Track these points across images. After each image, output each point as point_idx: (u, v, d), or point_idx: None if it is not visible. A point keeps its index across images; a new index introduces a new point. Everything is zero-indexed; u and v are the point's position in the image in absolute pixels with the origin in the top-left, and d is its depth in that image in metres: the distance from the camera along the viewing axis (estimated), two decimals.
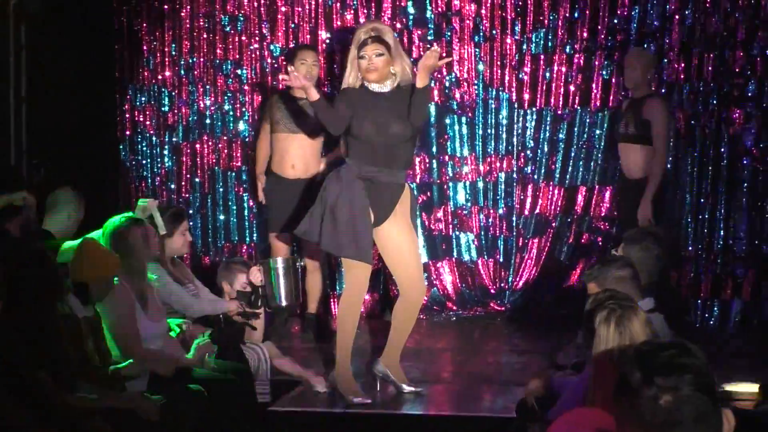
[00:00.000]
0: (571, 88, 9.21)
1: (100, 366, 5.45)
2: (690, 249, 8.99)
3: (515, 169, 9.32)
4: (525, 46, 9.25)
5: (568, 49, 9.18)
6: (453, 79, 9.33)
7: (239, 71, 9.43)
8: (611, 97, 9.12)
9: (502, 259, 9.37)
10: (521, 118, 9.30)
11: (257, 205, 9.06)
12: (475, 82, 9.31)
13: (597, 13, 9.10)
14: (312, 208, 6.71)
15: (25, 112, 9.03)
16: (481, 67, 9.30)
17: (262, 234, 9.21)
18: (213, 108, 9.46)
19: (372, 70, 6.58)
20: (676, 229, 8.89)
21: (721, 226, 8.99)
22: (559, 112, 9.24)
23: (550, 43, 9.21)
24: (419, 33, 9.32)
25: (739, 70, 8.91)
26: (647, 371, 2.37)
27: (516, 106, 9.29)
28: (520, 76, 9.27)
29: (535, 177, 9.31)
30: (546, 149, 9.27)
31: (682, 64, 8.98)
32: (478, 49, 9.29)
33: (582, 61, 9.18)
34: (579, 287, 8.26)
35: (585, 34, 9.14)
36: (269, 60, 9.40)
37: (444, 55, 9.10)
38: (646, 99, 8.03)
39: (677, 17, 8.98)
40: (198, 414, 5.67)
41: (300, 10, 9.35)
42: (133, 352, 5.71)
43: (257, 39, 9.40)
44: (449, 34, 9.30)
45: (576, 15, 9.15)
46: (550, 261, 9.31)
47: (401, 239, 6.72)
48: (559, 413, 3.96)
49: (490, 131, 9.33)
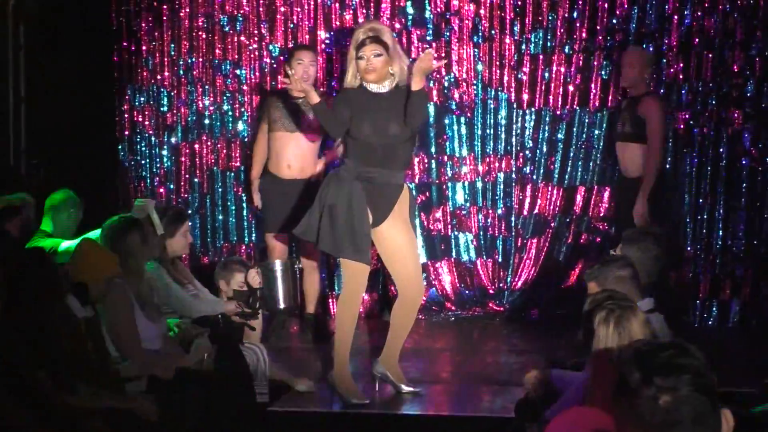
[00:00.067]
0: (570, 88, 9.20)
1: (99, 366, 5.45)
2: (689, 249, 8.99)
3: (514, 169, 9.31)
4: (524, 47, 9.24)
5: (566, 50, 9.18)
6: (452, 80, 9.32)
7: (238, 71, 9.42)
8: (610, 98, 9.11)
9: (500, 260, 9.36)
10: (520, 119, 9.29)
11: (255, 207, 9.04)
12: (474, 82, 9.31)
13: (596, 13, 9.10)
14: (310, 208, 6.71)
15: (24, 112, 9.04)
16: (480, 67, 9.29)
17: (260, 234, 9.21)
18: (212, 108, 9.46)
19: (370, 70, 6.58)
20: (676, 229, 8.89)
21: (720, 226, 8.99)
22: (558, 113, 9.23)
23: (549, 44, 9.20)
24: (418, 33, 9.31)
25: (738, 70, 8.91)
26: (646, 371, 2.37)
27: (515, 106, 9.28)
28: (519, 76, 9.26)
29: (534, 177, 9.30)
30: (545, 149, 9.27)
31: (681, 65, 8.98)
32: (476, 50, 9.28)
33: (581, 62, 9.17)
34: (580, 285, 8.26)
35: (584, 35, 9.14)
36: (268, 60, 9.39)
37: (441, 56, 9.17)
38: (642, 97, 8.05)
39: (676, 17, 8.98)
40: (197, 414, 5.68)
41: (299, 10, 9.34)
42: (132, 352, 5.72)
43: (256, 39, 9.39)
44: (448, 34, 9.29)
45: (575, 15, 9.15)
46: (549, 261, 9.31)
47: (400, 239, 6.71)
48: (559, 411, 3.97)
49: (488, 131, 9.32)
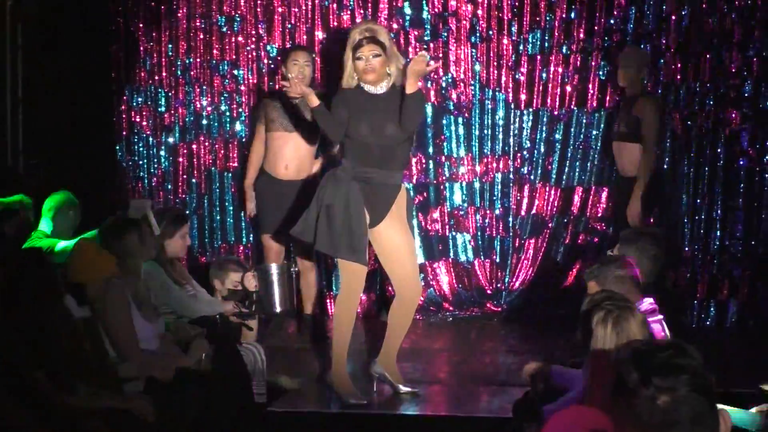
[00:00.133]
0: (568, 88, 9.20)
1: (98, 367, 5.44)
2: (686, 249, 8.99)
3: (512, 169, 9.31)
4: (521, 47, 9.24)
5: (564, 50, 9.18)
6: (449, 80, 9.32)
7: (236, 72, 9.42)
8: (608, 98, 9.11)
9: (498, 260, 9.36)
10: (518, 119, 9.30)
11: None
12: (472, 82, 9.30)
13: (593, 13, 9.10)
14: (308, 209, 6.70)
15: (22, 113, 9.03)
16: (477, 67, 9.29)
17: (257, 235, 9.19)
18: (210, 108, 9.45)
19: (370, 71, 6.57)
20: (673, 230, 8.89)
21: (718, 226, 8.99)
22: (556, 113, 9.23)
23: (546, 44, 9.20)
24: (416, 34, 9.31)
25: (736, 70, 8.91)
26: (644, 372, 2.37)
27: (512, 106, 9.28)
28: (517, 76, 9.26)
29: (532, 177, 9.30)
30: (542, 150, 9.27)
31: (679, 65, 8.98)
32: (474, 50, 9.28)
33: (578, 62, 9.18)
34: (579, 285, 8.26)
35: (581, 35, 9.14)
36: (266, 61, 9.39)
37: (439, 56, 9.18)
38: (637, 97, 8.04)
39: (674, 18, 8.98)
40: (195, 414, 5.68)
41: (296, 10, 9.34)
42: (129, 352, 5.71)
43: (254, 40, 9.39)
44: (446, 34, 9.29)
45: (572, 15, 9.15)
46: (547, 261, 9.31)
47: (397, 240, 6.71)
48: (558, 410, 3.96)
49: (486, 132, 9.32)
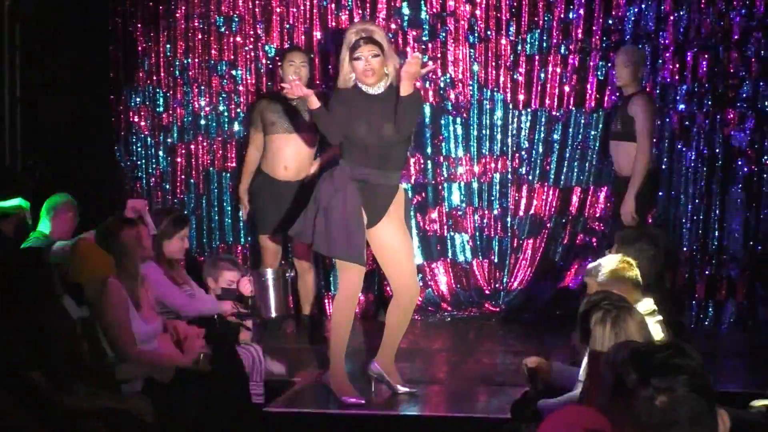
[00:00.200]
0: (566, 88, 9.20)
1: (96, 367, 5.44)
2: (685, 250, 8.99)
3: (510, 169, 9.31)
4: (520, 47, 9.24)
5: (562, 50, 9.18)
6: (448, 80, 9.32)
7: (234, 72, 9.42)
8: (606, 98, 9.11)
9: (496, 260, 9.36)
10: (516, 119, 9.29)
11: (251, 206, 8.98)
12: (470, 82, 9.30)
13: (592, 13, 9.10)
14: (305, 209, 6.69)
15: (20, 113, 9.02)
16: (475, 67, 9.29)
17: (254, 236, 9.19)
18: (208, 109, 9.45)
19: (369, 72, 6.53)
20: (670, 230, 8.89)
21: (716, 226, 8.99)
22: (554, 113, 9.23)
23: (544, 44, 9.20)
24: (414, 34, 9.31)
25: (734, 70, 8.91)
26: (643, 372, 2.37)
27: (511, 106, 9.28)
28: (515, 76, 9.26)
29: (530, 178, 9.30)
30: (541, 150, 9.27)
31: (677, 65, 8.98)
32: (472, 50, 9.28)
33: (577, 62, 9.18)
34: (577, 287, 8.26)
35: (580, 35, 9.14)
36: (264, 61, 9.39)
37: (437, 56, 9.18)
38: (633, 96, 8.01)
39: (672, 18, 8.98)
40: (193, 414, 5.67)
41: (295, 10, 9.34)
42: (127, 352, 5.71)
43: (252, 40, 9.39)
44: (444, 35, 9.29)
45: (571, 16, 9.15)
46: (545, 262, 9.31)
47: (395, 240, 6.70)
48: (557, 407, 3.96)
49: (484, 132, 9.32)
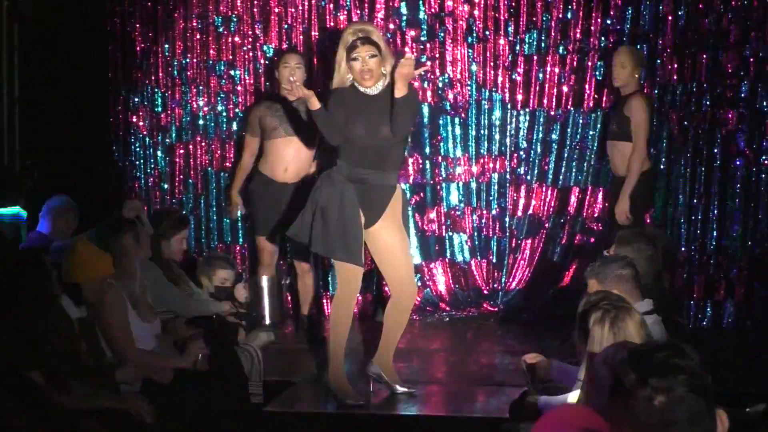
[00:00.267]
0: (564, 88, 9.20)
1: (94, 367, 5.44)
2: (683, 250, 8.98)
3: (508, 169, 9.31)
4: (518, 47, 9.24)
5: (561, 50, 9.18)
6: (446, 80, 9.32)
7: (232, 72, 9.42)
8: (604, 98, 9.10)
9: (495, 260, 9.36)
10: (514, 119, 9.29)
11: (248, 207, 8.95)
12: (468, 82, 9.30)
13: (590, 14, 9.10)
14: (303, 210, 6.68)
15: (19, 113, 9.03)
16: (474, 67, 9.29)
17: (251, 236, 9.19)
18: (206, 109, 9.45)
19: (367, 72, 6.51)
20: (668, 230, 8.89)
21: (715, 226, 8.99)
22: (552, 113, 9.23)
23: (543, 44, 9.20)
24: (412, 34, 9.31)
25: (732, 71, 8.90)
26: (642, 372, 2.37)
27: (509, 106, 9.28)
28: (513, 76, 9.26)
29: (528, 178, 9.30)
30: (539, 150, 9.27)
31: (675, 65, 8.98)
32: (471, 50, 9.28)
33: (575, 62, 9.18)
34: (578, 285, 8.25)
35: (578, 35, 9.14)
36: (262, 61, 9.38)
37: (435, 56, 9.18)
38: (630, 96, 7.98)
39: (670, 18, 8.98)
40: (192, 415, 5.68)
41: (293, 11, 9.34)
42: (126, 352, 5.71)
43: (250, 40, 9.38)
44: (442, 34, 9.29)
45: (569, 16, 9.15)
46: (543, 262, 9.31)
47: (392, 241, 6.69)
48: (556, 405, 3.95)
49: (483, 132, 9.32)
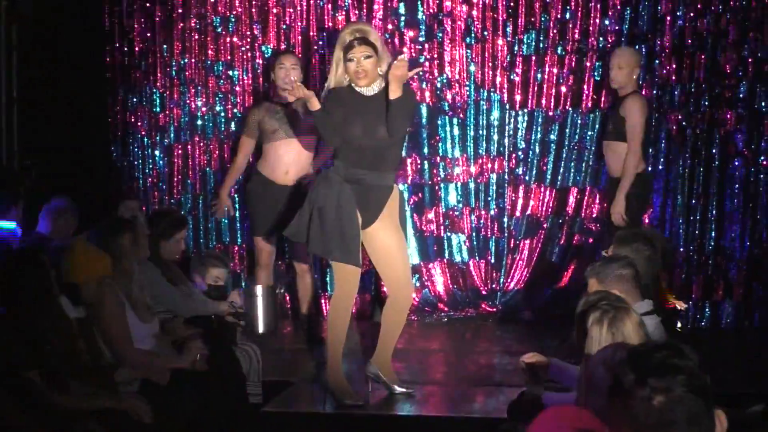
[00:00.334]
0: (563, 89, 9.20)
1: (93, 367, 5.44)
2: (681, 250, 8.99)
3: (506, 170, 9.31)
4: (516, 48, 9.24)
5: (559, 51, 9.18)
6: (444, 81, 9.32)
7: (231, 72, 9.42)
8: (602, 99, 9.10)
9: (493, 260, 9.36)
10: (513, 120, 9.29)
11: (245, 207, 8.94)
12: (467, 83, 9.30)
13: (588, 14, 9.10)
14: (300, 210, 6.68)
15: (17, 113, 9.02)
16: (472, 68, 9.28)
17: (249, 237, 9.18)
18: (204, 109, 9.45)
19: (361, 73, 6.51)
20: (667, 230, 8.89)
21: (713, 227, 8.99)
22: (551, 114, 9.23)
23: (541, 45, 9.20)
24: (411, 35, 9.31)
25: (731, 71, 8.90)
26: (640, 372, 2.37)
27: (507, 107, 9.28)
28: (512, 77, 9.26)
29: (527, 178, 9.30)
30: (537, 150, 9.27)
31: (674, 66, 8.98)
32: (469, 51, 9.28)
33: (573, 63, 9.17)
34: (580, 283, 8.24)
35: (576, 36, 9.14)
36: (261, 61, 9.38)
37: (434, 57, 9.18)
38: (626, 97, 7.96)
39: (669, 18, 8.98)
40: (190, 415, 5.67)
41: (291, 11, 9.34)
42: (124, 352, 5.71)
43: (249, 40, 9.38)
44: (441, 35, 9.29)
45: (567, 16, 9.15)
46: (542, 262, 9.31)
47: (389, 241, 6.69)
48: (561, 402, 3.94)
49: (481, 132, 9.32)
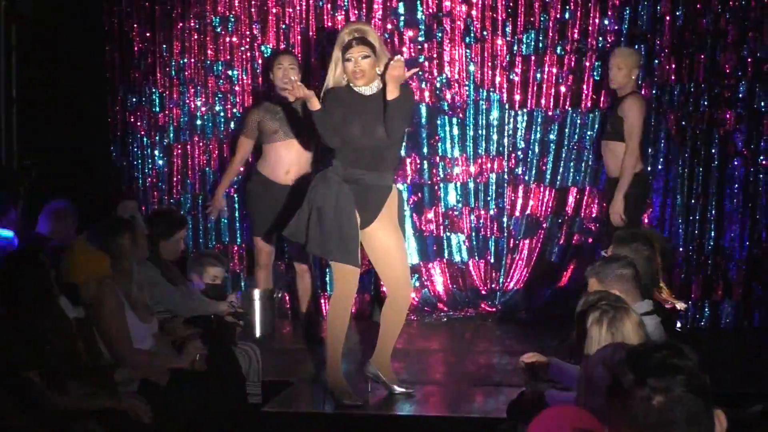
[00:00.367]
0: (562, 89, 9.20)
1: (92, 367, 5.44)
2: (681, 250, 8.99)
3: (506, 170, 9.31)
4: (516, 47, 9.24)
5: (558, 50, 9.17)
6: (444, 80, 9.32)
7: (230, 72, 9.42)
8: (602, 99, 9.10)
9: (492, 260, 9.36)
10: (512, 119, 9.29)
11: (245, 207, 8.94)
12: (466, 83, 9.30)
13: (588, 14, 9.10)
14: (299, 210, 6.68)
15: (16, 113, 9.02)
16: (471, 68, 9.28)
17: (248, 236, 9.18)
18: (204, 109, 9.45)
19: (359, 73, 6.51)
20: (666, 230, 8.89)
21: (713, 227, 8.99)
22: (550, 113, 9.23)
23: (540, 44, 9.20)
24: (410, 34, 9.31)
25: (730, 71, 8.91)
26: (640, 372, 2.37)
27: (507, 107, 9.28)
28: (511, 77, 9.26)
29: (526, 178, 9.30)
30: (537, 150, 9.26)
31: (673, 66, 8.98)
32: (468, 50, 9.28)
33: (573, 63, 9.17)
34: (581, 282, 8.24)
35: (576, 36, 9.14)
36: (260, 61, 9.38)
37: (434, 56, 9.18)
38: (625, 97, 7.95)
39: (668, 18, 8.98)
40: (190, 415, 5.67)
41: (291, 11, 9.34)
42: (123, 352, 5.71)
43: (248, 40, 9.38)
44: (440, 35, 9.29)
45: (566, 16, 9.15)
46: (541, 262, 9.31)
47: (388, 241, 6.69)
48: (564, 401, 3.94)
49: (481, 132, 9.32)
